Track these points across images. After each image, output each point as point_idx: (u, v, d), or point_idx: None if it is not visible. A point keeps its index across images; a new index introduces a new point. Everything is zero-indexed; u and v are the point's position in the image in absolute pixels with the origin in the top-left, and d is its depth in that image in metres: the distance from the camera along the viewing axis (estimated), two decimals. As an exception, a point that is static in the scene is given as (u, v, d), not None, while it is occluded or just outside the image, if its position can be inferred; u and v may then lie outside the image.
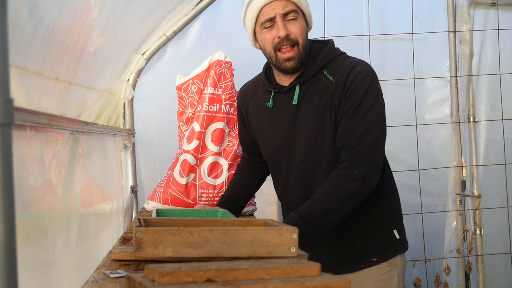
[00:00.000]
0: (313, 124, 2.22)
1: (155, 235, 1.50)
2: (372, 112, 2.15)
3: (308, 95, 2.25)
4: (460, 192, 3.70)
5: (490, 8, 3.72)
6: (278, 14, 2.17)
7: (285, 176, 2.36)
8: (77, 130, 2.09)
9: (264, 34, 2.22)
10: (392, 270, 2.30)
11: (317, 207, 2.08)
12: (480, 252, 3.75)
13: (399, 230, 2.35)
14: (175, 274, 1.21)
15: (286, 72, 2.25)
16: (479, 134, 3.76)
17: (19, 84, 1.50)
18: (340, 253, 2.30)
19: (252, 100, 2.45)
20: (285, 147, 2.32)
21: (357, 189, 2.10)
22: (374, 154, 2.15)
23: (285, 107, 2.30)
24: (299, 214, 2.06)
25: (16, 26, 1.41)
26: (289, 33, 2.18)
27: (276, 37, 2.19)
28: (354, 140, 2.12)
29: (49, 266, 1.78)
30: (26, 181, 1.54)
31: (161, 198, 2.99)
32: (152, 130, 3.52)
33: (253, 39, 2.30)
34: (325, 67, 2.25)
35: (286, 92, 2.29)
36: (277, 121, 2.33)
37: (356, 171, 2.09)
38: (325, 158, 2.22)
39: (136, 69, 3.40)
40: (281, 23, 2.18)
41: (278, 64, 2.23)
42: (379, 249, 2.30)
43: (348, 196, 2.10)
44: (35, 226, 1.65)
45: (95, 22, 2.14)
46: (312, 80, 2.25)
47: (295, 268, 1.29)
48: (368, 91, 2.15)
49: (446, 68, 3.74)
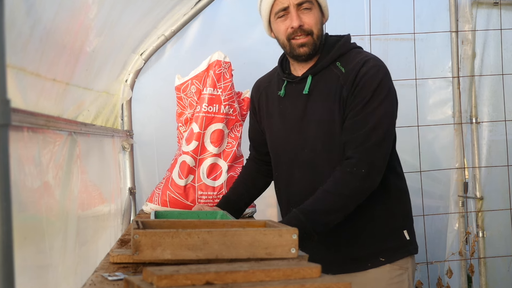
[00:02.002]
0: (322, 115, 2.22)
1: (153, 238, 1.49)
2: (381, 109, 2.14)
3: (319, 85, 2.25)
4: (462, 194, 3.69)
5: (493, 8, 3.71)
6: (292, 4, 2.19)
7: (289, 168, 2.34)
8: (74, 131, 2.08)
9: (278, 23, 2.25)
10: (403, 274, 2.27)
11: (320, 205, 2.08)
12: (482, 255, 3.73)
13: (409, 232, 2.32)
14: (174, 277, 1.20)
15: (300, 58, 2.26)
16: (481, 135, 3.74)
17: (16, 84, 1.50)
18: (346, 251, 2.27)
19: (266, 90, 2.47)
20: (292, 138, 2.31)
21: (360, 187, 2.11)
22: (380, 152, 2.14)
23: (296, 97, 2.31)
24: (302, 211, 2.06)
25: (13, 26, 1.40)
26: (302, 24, 2.20)
27: (290, 27, 2.21)
28: (361, 136, 2.12)
29: (47, 269, 1.77)
30: (23, 182, 1.53)
31: (160, 200, 2.98)
32: (151, 131, 3.51)
33: (268, 28, 2.33)
34: (339, 58, 2.26)
35: (299, 82, 2.30)
36: (287, 111, 2.33)
37: (361, 168, 2.09)
38: (331, 151, 2.21)
39: (135, 69, 3.39)
40: (294, 13, 2.19)
41: (292, 51, 2.25)
42: (387, 249, 2.26)
43: (351, 194, 2.11)
44: (32, 229, 1.64)
45: (93, 22, 2.14)
46: (324, 71, 2.26)
47: (295, 270, 1.29)
48: (379, 87, 2.15)
49: (448, 69, 3.72)
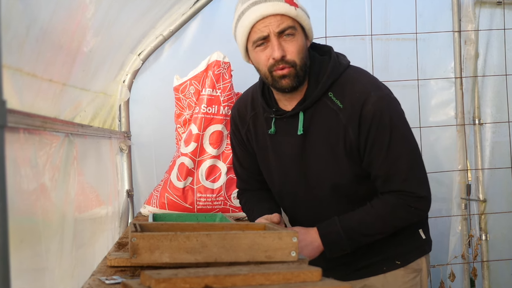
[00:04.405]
0: (324, 156, 2.07)
1: (151, 241, 1.51)
2: (406, 145, 2.06)
3: (315, 123, 2.07)
4: (465, 196, 3.67)
5: (496, 7, 3.69)
6: (273, 32, 1.94)
7: (292, 205, 2.26)
8: (71, 132, 2.08)
9: (258, 53, 2.00)
10: (416, 277, 2.23)
11: (364, 228, 2.06)
12: (485, 258, 3.71)
13: (424, 230, 2.27)
14: (172, 280, 1.21)
15: (283, 91, 2.04)
16: (484, 136, 3.73)
17: (12, 85, 1.49)
18: (364, 259, 2.21)
19: (253, 121, 2.24)
20: (292, 178, 2.18)
21: (411, 220, 2.10)
22: (426, 186, 2.09)
23: (290, 135, 2.11)
24: (344, 227, 2.04)
25: (9, 26, 1.39)
26: (285, 54, 1.96)
27: (271, 58, 1.97)
28: (399, 177, 2.04)
29: (43, 272, 1.77)
30: (19, 185, 1.53)
31: (158, 203, 2.97)
32: (149, 133, 3.50)
33: (246, 56, 2.09)
34: (330, 88, 2.06)
35: (289, 118, 2.10)
36: (281, 150, 2.16)
37: (415, 203, 2.05)
38: (337, 189, 2.11)
39: (132, 70, 3.38)
40: (276, 42, 1.95)
41: (275, 84, 2.02)
42: (403, 251, 2.21)
43: (400, 226, 2.09)
44: (29, 231, 1.64)
45: (90, 21, 2.13)
46: (316, 105, 2.06)
47: (295, 274, 1.29)
48: (393, 124, 2.02)
49: (451, 69, 3.71)
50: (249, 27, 1.98)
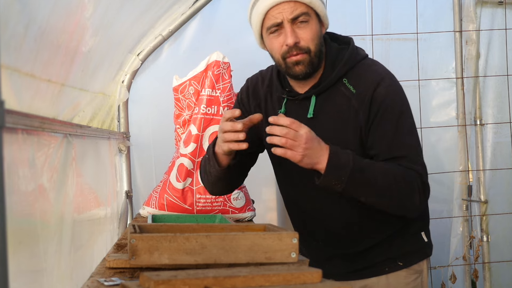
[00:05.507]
0: (331, 141, 2.02)
1: (150, 242, 1.50)
2: (412, 133, 2.07)
3: (326, 107, 2.08)
4: (466, 198, 3.67)
5: (498, 7, 3.70)
6: (286, 19, 1.97)
7: (295, 189, 2.23)
8: (70, 133, 2.08)
9: (271, 39, 2.03)
10: (417, 278, 2.22)
11: (372, 174, 1.95)
12: (487, 260, 3.71)
13: (426, 233, 2.26)
14: (171, 282, 1.20)
15: (297, 77, 2.06)
16: (486, 137, 3.73)
17: (10, 85, 1.49)
18: (366, 259, 2.20)
19: (266, 98, 2.24)
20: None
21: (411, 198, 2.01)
22: (427, 177, 2.06)
23: (300, 117, 2.07)
24: (355, 160, 1.93)
25: (7, 26, 1.39)
26: (298, 41, 1.98)
27: (284, 44, 2.00)
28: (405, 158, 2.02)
29: (41, 274, 1.77)
30: (17, 185, 1.53)
31: (157, 204, 2.96)
32: (148, 133, 3.50)
33: (261, 42, 2.12)
34: (345, 75, 2.07)
35: (301, 100, 2.11)
36: None
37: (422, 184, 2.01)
38: None
39: (131, 70, 3.38)
40: (289, 29, 1.97)
41: (288, 70, 2.04)
42: (405, 253, 2.20)
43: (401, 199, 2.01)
44: (27, 233, 1.64)
45: (88, 21, 2.13)
46: (330, 90, 2.07)
47: (296, 275, 1.28)
48: (403, 110, 2.05)
49: (452, 69, 3.71)
50: (263, 13, 2.01)
